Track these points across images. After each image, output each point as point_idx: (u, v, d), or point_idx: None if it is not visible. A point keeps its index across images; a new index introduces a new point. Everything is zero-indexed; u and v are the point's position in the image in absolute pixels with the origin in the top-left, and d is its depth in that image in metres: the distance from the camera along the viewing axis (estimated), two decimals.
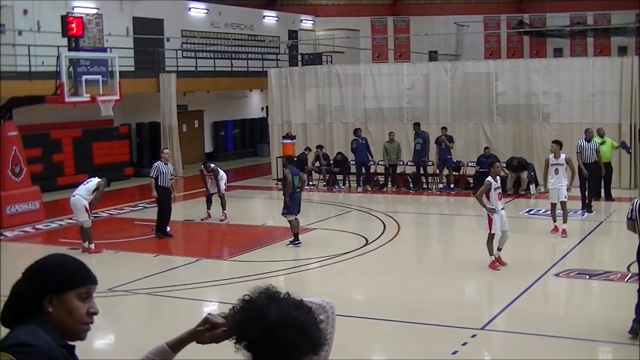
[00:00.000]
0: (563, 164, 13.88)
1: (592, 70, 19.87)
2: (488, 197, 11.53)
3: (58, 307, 2.28)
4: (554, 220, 14.16)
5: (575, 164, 15.93)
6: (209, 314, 2.44)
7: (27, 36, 21.01)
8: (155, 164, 14.98)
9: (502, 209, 11.65)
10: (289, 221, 13.75)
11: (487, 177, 11.89)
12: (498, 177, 11.87)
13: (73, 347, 2.34)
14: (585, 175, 16.26)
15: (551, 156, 14.05)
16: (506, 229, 11.64)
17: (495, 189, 11.57)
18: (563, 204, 13.78)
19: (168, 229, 15.06)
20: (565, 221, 13.90)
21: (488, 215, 11.51)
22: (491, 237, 11.59)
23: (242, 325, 2.18)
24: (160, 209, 14.97)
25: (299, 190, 13.86)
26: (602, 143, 17.29)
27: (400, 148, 20.58)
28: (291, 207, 13.63)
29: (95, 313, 2.36)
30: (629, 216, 8.52)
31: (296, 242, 13.76)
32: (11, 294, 2.31)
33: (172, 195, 15.22)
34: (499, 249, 11.67)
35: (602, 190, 17.47)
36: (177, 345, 2.49)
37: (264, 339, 2.16)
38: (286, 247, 13.78)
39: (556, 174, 13.85)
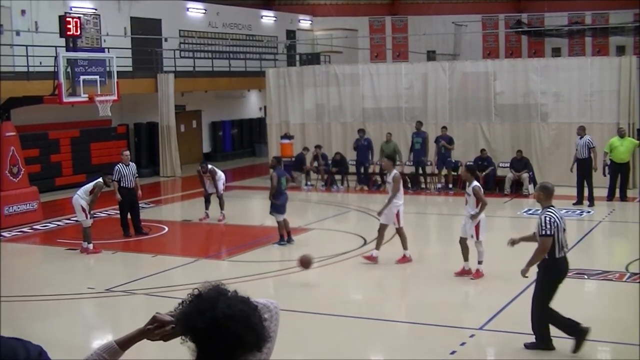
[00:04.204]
0: (390, 183, 12.18)
1: (590, 69, 19.89)
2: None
3: None
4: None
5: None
6: (157, 313, 2.53)
7: (25, 36, 21.00)
8: (116, 167, 14.92)
9: (470, 215, 11.25)
10: (277, 221, 13.82)
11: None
12: (468, 183, 11.41)
13: None
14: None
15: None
16: (477, 241, 11.12)
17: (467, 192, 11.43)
18: (397, 230, 12.36)
19: (131, 229, 15.14)
20: (405, 247, 12.39)
21: None
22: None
23: (191, 316, 2.24)
24: (123, 209, 15.03)
25: (285, 191, 13.94)
26: (616, 145, 17.54)
27: (398, 149, 20.38)
28: (279, 207, 13.69)
29: None
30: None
31: (281, 242, 13.84)
32: None
33: (138, 194, 15.23)
34: (479, 262, 11.17)
35: (607, 190, 17.71)
36: (126, 343, 2.59)
37: (212, 330, 2.22)
38: (272, 245, 13.86)
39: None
